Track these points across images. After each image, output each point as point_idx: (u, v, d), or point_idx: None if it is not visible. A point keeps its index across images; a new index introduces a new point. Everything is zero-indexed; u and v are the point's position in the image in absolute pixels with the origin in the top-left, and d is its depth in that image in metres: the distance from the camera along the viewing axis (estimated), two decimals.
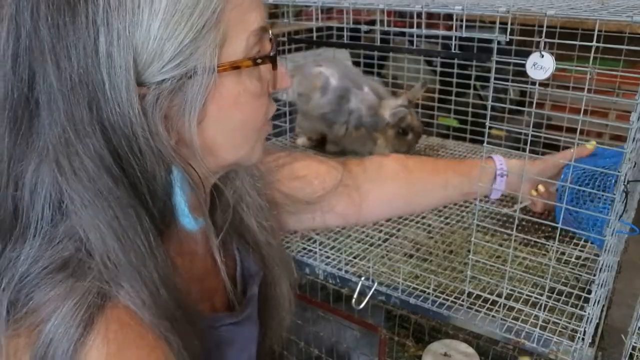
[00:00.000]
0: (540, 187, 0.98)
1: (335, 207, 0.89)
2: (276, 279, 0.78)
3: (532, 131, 0.77)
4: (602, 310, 0.89)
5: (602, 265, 0.79)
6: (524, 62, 0.69)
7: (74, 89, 0.49)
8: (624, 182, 0.77)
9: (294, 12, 1.62)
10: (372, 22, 1.68)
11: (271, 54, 0.58)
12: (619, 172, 0.73)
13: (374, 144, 1.46)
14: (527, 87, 0.82)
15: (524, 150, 1.46)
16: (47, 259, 0.51)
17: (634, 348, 0.85)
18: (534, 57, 0.67)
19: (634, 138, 0.73)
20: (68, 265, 0.51)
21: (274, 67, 0.59)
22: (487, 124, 0.78)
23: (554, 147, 1.31)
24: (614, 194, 0.75)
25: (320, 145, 1.56)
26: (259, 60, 0.56)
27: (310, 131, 1.56)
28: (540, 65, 0.67)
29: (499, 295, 0.88)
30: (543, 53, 0.67)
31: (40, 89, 0.50)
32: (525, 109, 1.70)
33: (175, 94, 0.52)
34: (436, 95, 1.61)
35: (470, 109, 1.52)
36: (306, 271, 1.09)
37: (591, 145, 0.94)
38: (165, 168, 0.53)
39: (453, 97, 1.54)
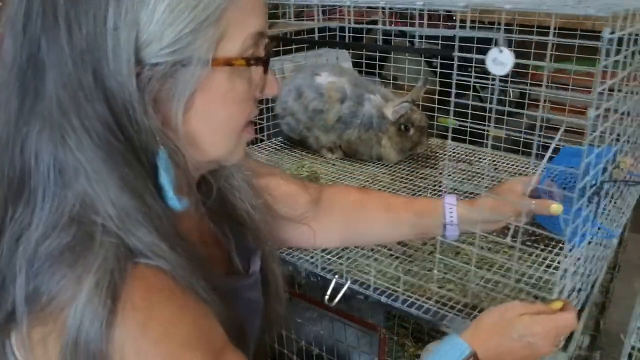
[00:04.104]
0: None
1: (290, 234, 0.91)
2: (269, 256, 0.81)
3: (527, 132, 0.77)
4: (579, 316, 0.86)
5: (567, 269, 0.76)
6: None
7: (83, 55, 0.50)
8: (595, 182, 0.77)
9: (295, 12, 1.63)
10: (374, 22, 1.69)
11: (264, 58, 0.60)
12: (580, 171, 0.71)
13: (380, 146, 1.47)
14: (520, 88, 0.83)
15: (523, 152, 1.47)
16: (56, 234, 0.51)
17: (633, 348, 0.86)
18: (493, 53, 0.66)
19: (592, 134, 0.70)
20: (78, 239, 0.51)
21: (265, 70, 0.61)
22: (488, 127, 0.78)
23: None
24: (573, 194, 0.72)
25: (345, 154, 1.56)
26: (252, 62, 0.58)
27: (329, 142, 1.55)
28: (500, 60, 0.66)
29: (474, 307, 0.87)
30: (502, 48, 0.66)
31: (49, 51, 0.51)
32: (511, 109, 1.70)
33: (166, 78, 0.54)
34: (436, 97, 1.61)
35: (470, 111, 1.52)
36: (289, 268, 1.07)
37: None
38: (156, 146, 0.55)
39: (453, 99, 1.54)
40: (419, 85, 1.46)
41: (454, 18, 1.92)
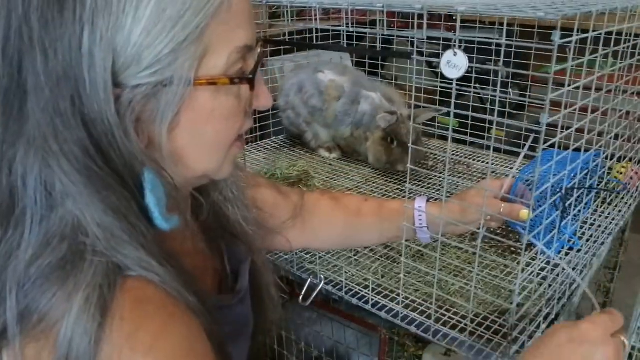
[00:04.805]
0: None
1: (269, 242, 0.91)
2: (262, 266, 0.80)
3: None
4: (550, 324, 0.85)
5: (524, 274, 0.75)
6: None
7: (59, 82, 0.50)
8: (563, 189, 0.76)
9: (296, 12, 1.63)
10: (375, 22, 1.69)
11: (250, 75, 0.58)
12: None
13: (366, 144, 1.45)
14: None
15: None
16: (47, 255, 0.51)
17: (633, 348, 0.85)
18: (448, 55, 0.64)
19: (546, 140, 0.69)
20: (68, 259, 0.51)
21: (252, 88, 0.59)
22: (490, 132, 0.78)
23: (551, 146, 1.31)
24: (533, 201, 0.71)
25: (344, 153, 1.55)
26: (237, 80, 0.56)
27: (327, 140, 1.54)
28: (454, 63, 0.64)
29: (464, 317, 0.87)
30: (456, 51, 0.63)
31: (29, 75, 0.50)
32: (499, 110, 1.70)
33: (149, 99, 0.53)
34: (437, 98, 1.61)
35: (470, 113, 1.52)
36: None
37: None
38: (140, 167, 0.54)
39: (453, 100, 1.54)
40: (428, 112, 1.40)
41: (454, 18, 1.92)
